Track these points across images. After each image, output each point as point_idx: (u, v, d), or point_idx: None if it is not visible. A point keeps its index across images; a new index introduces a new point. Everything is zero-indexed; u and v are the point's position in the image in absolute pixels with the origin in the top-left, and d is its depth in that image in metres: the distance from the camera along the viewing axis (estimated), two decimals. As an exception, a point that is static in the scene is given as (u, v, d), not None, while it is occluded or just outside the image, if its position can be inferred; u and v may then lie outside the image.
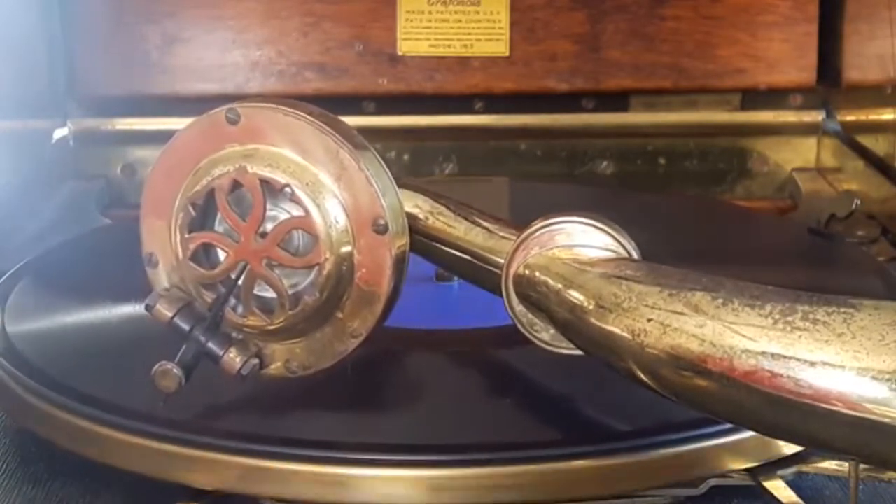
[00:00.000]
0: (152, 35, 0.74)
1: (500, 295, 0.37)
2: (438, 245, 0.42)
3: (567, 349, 0.36)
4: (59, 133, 0.76)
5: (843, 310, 0.24)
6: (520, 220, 0.39)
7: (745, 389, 0.25)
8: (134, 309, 0.45)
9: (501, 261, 0.38)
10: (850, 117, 0.75)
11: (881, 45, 0.68)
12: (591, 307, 0.31)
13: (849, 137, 0.75)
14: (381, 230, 0.36)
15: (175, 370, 0.35)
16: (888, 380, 0.22)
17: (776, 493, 0.36)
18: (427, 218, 0.42)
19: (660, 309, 0.28)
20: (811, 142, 0.77)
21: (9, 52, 0.70)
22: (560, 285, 0.34)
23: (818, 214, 0.61)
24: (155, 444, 0.36)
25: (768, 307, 0.25)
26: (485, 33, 0.75)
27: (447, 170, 0.78)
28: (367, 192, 0.36)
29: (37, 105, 0.74)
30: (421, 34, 0.75)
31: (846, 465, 0.37)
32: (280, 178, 0.35)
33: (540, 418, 0.38)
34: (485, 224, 0.41)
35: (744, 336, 0.25)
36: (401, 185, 0.38)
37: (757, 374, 0.24)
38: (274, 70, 0.74)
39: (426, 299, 0.50)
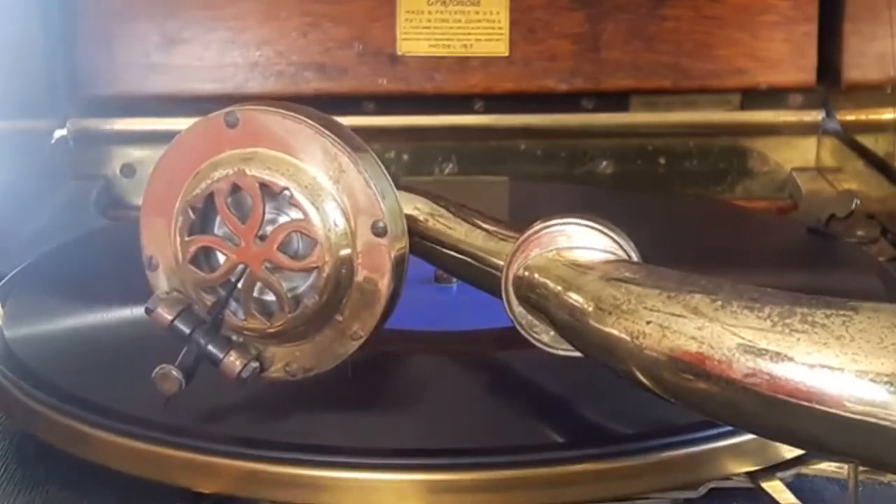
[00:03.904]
0: (152, 35, 0.74)
1: (500, 297, 0.37)
2: (438, 247, 0.42)
3: (566, 351, 0.36)
4: (59, 133, 0.76)
5: (841, 312, 0.24)
6: (520, 220, 0.39)
7: (744, 392, 0.25)
8: (133, 312, 0.45)
9: (501, 263, 0.38)
10: (850, 117, 0.75)
11: (881, 45, 0.68)
12: (590, 309, 0.31)
13: (849, 137, 0.75)
14: (381, 233, 0.36)
15: (175, 373, 0.35)
16: (886, 382, 0.22)
17: (775, 495, 0.36)
18: (427, 220, 0.42)
19: (659, 311, 0.28)
20: (811, 141, 0.77)
21: (8, 53, 0.70)
22: (559, 287, 0.34)
23: (818, 214, 0.61)
24: (154, 448, 0.36)
25: (767, 309, 0.25)
26: (484, 33, 0.75)
27: (447, 170, 0.78)
28: (365, 194, 0.36)
29: (36, 105, 0.74)
30: (421, 34, 0.75)
31: (846, 467, 0.37)
32: (279, 181, 0.35)
33: (539, 421, 0.38)
34: (484, 226, 0.41)
35: (742, 338, 0.25)
36: (400, 188, 0.38)
37: (756, 376, 0.24)
38: (273, 70, 0.74)
39: (425, 301, 0.50)
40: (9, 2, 0.71)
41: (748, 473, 0.37)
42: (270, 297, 0.36)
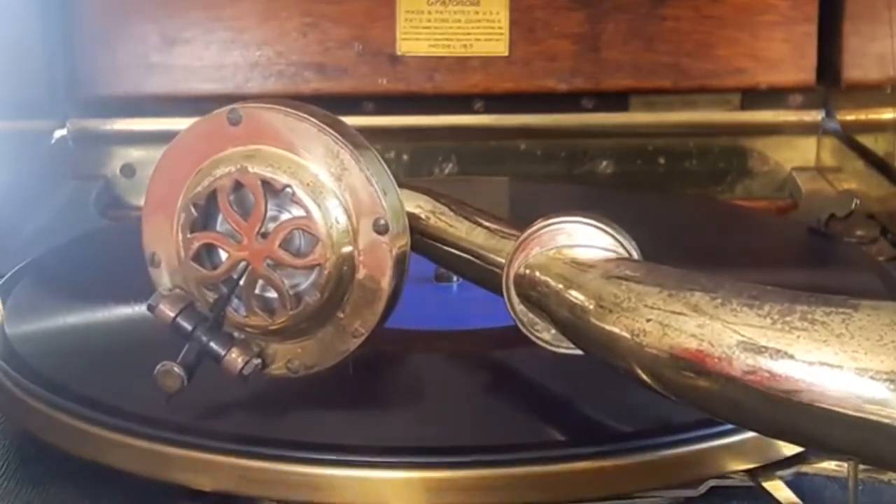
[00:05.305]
0: (151, 35, 0.74)
1: (501, 295, 0.37)
2: (440, 245, 0.42)
3: (567, 349, 0.36)
4: (59, 133, 0.76)
5: (841, 310, 0.24)
6: (520, 220, 0.39)
7: (744, 389, 0.25)
8: (133, 310, 0.46)
9: (502, 260, 0.38)
10: (850, 117, 0.75)
11: (881, 44, 0.68)
12: (591, 307, 0.31)
13: (848, 137, 0.75)
14: (382, 230, 0.36)
15: (177, 370, 0.35)
16: (886, 380, 0.22)
17: (775, 494, 0.36)
18: (429, 218, 0.42)
19: (659, 309, 0.28)
20: (811, 141, 0.77)
21: (8, 53, 0.70)
22: (560, 285, 0.34)
23: (818, 214, 0.61)
24: (155, 446, 0.36)
25: (767, 307, 0.25)
26: (484, 33, 0.75)
27: (447, 170, 0.78)
28: (367, 192, 0.36)
29: (36, 105, 0.74)
30: (420, 34, 0.75)
31: (846, 465, 0.37)
32: (281, 178, 0.35)
33: (540, 419, 0.38)
34: (486, 224, 0.41)
35: (742, 336, 0.25)
36: (402, 185, 0.38)
37: (755, 373, 0.25)
38: (273, 70, 0.74)
39: (426, 300, 0.50)
40: (9, 2, 0.71)
41: (748, 472, 0.37)
42: (272, 294, 0.36)
